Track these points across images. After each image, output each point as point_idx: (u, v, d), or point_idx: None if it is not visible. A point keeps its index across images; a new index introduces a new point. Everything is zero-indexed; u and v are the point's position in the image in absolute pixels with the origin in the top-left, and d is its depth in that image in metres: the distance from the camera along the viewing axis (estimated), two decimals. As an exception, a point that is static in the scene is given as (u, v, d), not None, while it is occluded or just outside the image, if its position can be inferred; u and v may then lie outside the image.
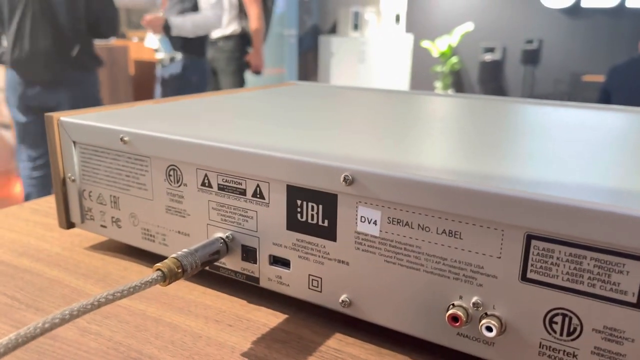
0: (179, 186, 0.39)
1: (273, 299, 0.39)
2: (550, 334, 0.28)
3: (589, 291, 0.26)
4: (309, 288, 0.35)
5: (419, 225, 0.30)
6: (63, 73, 1.78)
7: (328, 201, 0.33)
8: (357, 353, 0.33)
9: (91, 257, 0.45)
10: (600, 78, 2.83)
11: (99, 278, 0.42)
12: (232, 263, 0.38)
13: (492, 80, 6.00)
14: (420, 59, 6.42)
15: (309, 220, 0.34)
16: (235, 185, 0.36)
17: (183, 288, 0.40)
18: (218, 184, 0.37)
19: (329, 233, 0.33)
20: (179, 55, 2.43)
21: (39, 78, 1.75)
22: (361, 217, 0.32)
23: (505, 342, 0.29)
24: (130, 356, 0.32)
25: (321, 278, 0.35)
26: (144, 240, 0.43)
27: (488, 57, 5.88)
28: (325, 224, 0.33)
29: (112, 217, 0.44)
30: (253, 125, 0.43)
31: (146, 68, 3.97)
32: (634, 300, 0.25)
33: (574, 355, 0.27)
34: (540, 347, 0.28)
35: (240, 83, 3.17)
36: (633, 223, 0.24)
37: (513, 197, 0.27)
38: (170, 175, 0.39)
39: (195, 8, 2.33)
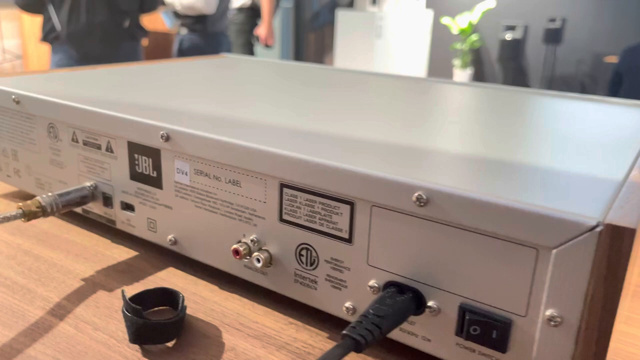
0: (57, 142, 0.46)
1: (132, 239, 0.46)
2: (300, 264, 0.34)
3: (320, 229, 0.33)
4: (148, 229, 0.42)
5: (213, 175, 0.37)
6: (118, 45, 1.87)
7: (155, 155, 0.39)
8: (176, 281, 0.40)
9: (-2, 202, 0.53)
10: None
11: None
12: (97, 208, 0.45)
13: (512, 59, 5.92)
14: (440, 35, 6.35)
15: (144, 172, 0.41)
16: (93, 141, 0.43)
17: (62, 229, 0.48)
18: (82, 140, 0.44)
19: (157, 182, 0.40)
20: (183, 30, 2.49)
21: (96, 51, 1.82)
22: (177, 168, 0.39)
23: (274, 272, 0.36)
24: (-10, 276, 0.40)
25: (155, 220, 0.41)
26: (37, 188, 0.50)
27: (509, 35, 5.80)
28: (155, 174, 0.40)
29: (14, 168, 0.51)
30: (130, 90, 0.49)
31: (160, 39, 4.04)
32: (346, 236, 0.32)
33: (316, 282, 0.34)
34: (295, 275, 0.35)
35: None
36: (341, 174, 0.30)
37: (268, 152, 0.33)
38: (50, 132, 0.46)
39: None
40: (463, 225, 0.27)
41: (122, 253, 0.44)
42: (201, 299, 0.38)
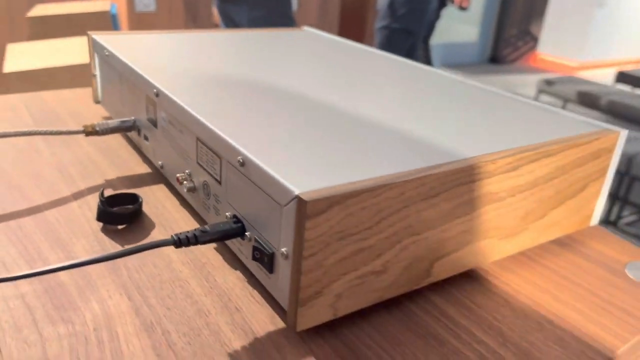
0: (122, 86, 0.67)
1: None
2: (204, 194, 0.50)
3: (210, 172, 0.47)
4: (153, 155, 0.61)
5: (173, 125, 0.53)
6: None
7: (154, 106, 0.57)
8: (158, 194, 0.58)
9: (97, 120, 0.76)
10: None
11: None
12: (134, 136, 0.65)
13: None
14: (679, 11, 5.53)
15: (151, 116, 0.59)
16: (134, 90, 0.63)
17: (120, 146, 0.69)
18: (129, 88, 0.64)
19: (155, 124, 0.58)
20: None
21: None
22: (162, 117, 0.56)
23: (196, 197, 0.52)
24: (60, 172, 0.62)
25: (155, 150, 0.60)
26: (115, 115, 0.72)
27: None
28: (155, 118, 0.58)
29: (109, 100, 0.74)
30: (177, 56, 0.67)
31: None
32: (219, 179, 0.46)
33: (209, 207, 0.49)
34: (202, 201, 0.50)
35: (435, 18, 3.22)
36: (212, 136, 0.45)
37: (188, 113, 0.49)
38: (120, 78, 0.67)
39: None
40: (255, 182, 0.40)
41: (142, 169, 0.64)
42: (161, 207, 0.56)
